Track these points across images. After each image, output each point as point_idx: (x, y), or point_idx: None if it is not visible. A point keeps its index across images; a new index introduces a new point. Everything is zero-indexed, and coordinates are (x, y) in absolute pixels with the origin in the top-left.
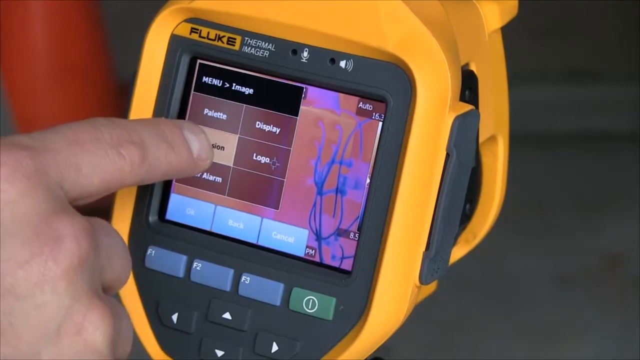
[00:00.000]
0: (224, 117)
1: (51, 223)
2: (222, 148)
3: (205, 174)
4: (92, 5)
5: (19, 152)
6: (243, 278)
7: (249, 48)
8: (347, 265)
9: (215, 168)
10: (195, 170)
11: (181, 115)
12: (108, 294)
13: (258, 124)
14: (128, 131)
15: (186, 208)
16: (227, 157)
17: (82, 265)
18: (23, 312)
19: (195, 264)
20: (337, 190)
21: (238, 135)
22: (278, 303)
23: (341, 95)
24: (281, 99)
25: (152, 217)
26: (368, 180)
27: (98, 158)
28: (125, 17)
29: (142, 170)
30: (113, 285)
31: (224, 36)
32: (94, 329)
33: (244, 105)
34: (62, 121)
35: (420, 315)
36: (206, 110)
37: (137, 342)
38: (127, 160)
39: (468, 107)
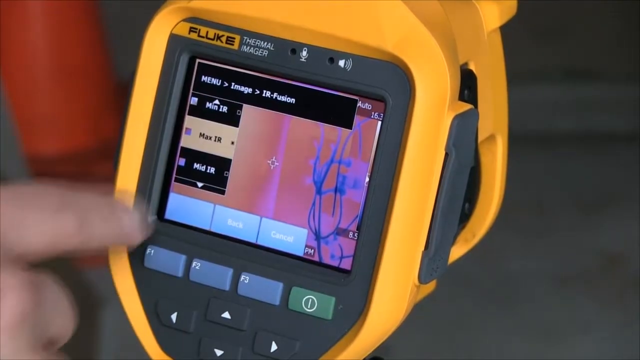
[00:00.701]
0: (223, 116)
1: None
2: (221, 148)
3: (205, 173)
4: (91, 5)
5: None
6: (242, 277)
7: (248, 47)
8: (346, 264)
9: (214, 168)
10: (129, 242)
11: (180, 115)
12: (50, 350)
13: (257, 124)
14: (69, 199)
15: (185, 207)
16: (225, 157)
17: (24, 319)
18: None
19: (194, 264)
20: (336, 190)
21: (237, 135)
22: (277, 302)
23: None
24: (280, 98)
25: (151, 217)
26: (367, 180)
27: (39, 219)
28: (125, 16)
29: (80, 236)
30: (57, 340)
31: (223, 35)
32: None
33: (243, 104)
34: (62, 121)
35: (419, 315)
36: (205, 110)
37: (136, 342)
38: (65, 226)
39: (467, 106)
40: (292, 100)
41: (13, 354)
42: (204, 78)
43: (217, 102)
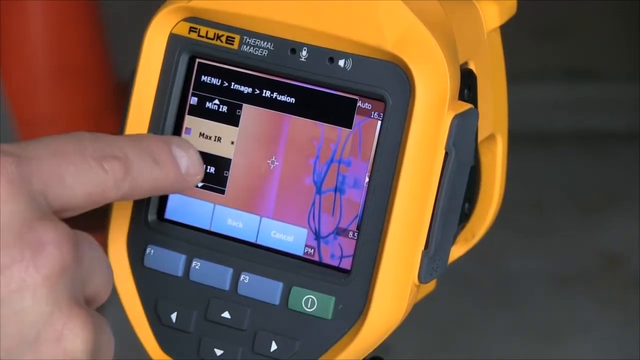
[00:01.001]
0: (223, 116)
1: (33, 229)
2: (221, 148)
3: (205, 173)
4: (91, 5)
5: (3, 158)
6: (242, 277)
7: (248, 47)
8: (346, 264)
9: (214, 167)
10: (184, 186)
11: (180, 114)
12: (90, 308)
13: (256, 123)
14: (111, 146)
15: (185, 207)
16: (225, 156)
17: (63, 273)
18: (1, 317)
19: (194, 263)
20: (336, 189)
21: (237, 135)
22: (277, 302)
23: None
24: (280, 98)
25: (151, 216)
26: (367, 179)
27: (81, 170)
28: (125, 16)
29: (124, 184)
30: (95, 299)
31: (222, 35)
32: (74, 337)
33: (243, 104)
34: (62, 121)
35: (419, 314)
36: (205, 109)
37: (136, 342)
38: (109, 174)
39: (467, 106)
40: (292, 100)
41: (52, 306)
42: (203, 78)
43: (217, 101)
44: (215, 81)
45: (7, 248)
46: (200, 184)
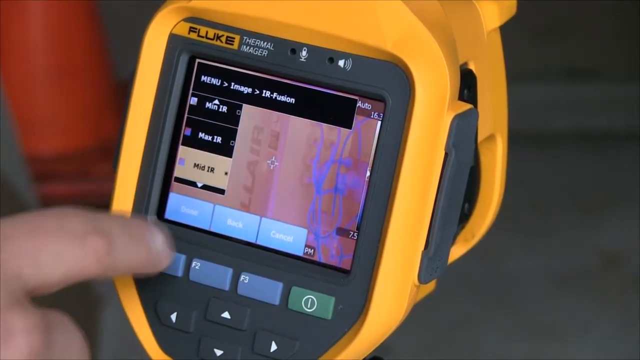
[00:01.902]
0: (223, 116)
1: (3, 317)
2: (221, 148)
3: (204, 173)
4: (91, 5)
5: None
6: (242, 277)
7: (248, 47)
8: (346, 264)
9: (214, 168)
10: (156, 267)
11: (180, 114)
12: None
13: (256, 123)
14: (94, 221)
15: (185, 207)
16: (225, 157)
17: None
18: None
19: (194, 263)
20: (335, 190)
21: (237, 135)
22: (277, 302)
23: (340, 94)
24: (280, 98)
25: (151, 216)
26: (367, 180)
27: (60, 249)
28: (125, 16)
29: (106, 263)
30: None
31: (222, 35)
32: None
33: (243, 104)
34: (62, 121)
35: (419, 315)
36: (205, 110)
37: (136, 342)
38: (91, 252)
39: (467, 106)
40: (292, 100)
41: None
42: (203, 78)
43: (216, 102)
44: (215, 81)
45: None
46: (200, 184)
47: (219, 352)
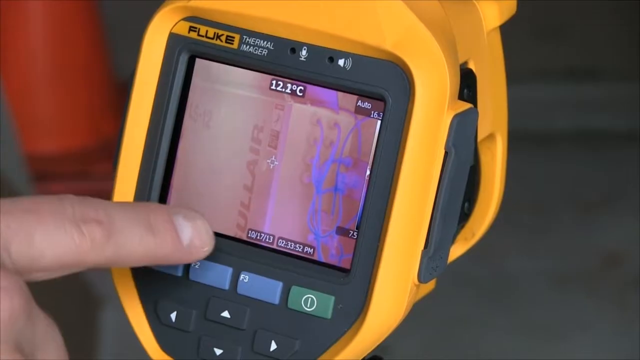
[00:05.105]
0: (223, 116)
1: None
2: (221, 148)
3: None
4: (91, 5)
5: None
6: (242, 277)
7: (248, 47)
8: (345, 263)
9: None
10: (188, 258)
11: (180, 114)
12: None
13: (256, 123)
14: (96, 209)
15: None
16: (225, 157)
17: (11, 322)
18: None
19: (193, 263)
20: (335, 189)
21: (236, 135)
22: (277, 301)
23: (340, 93)
24: (280, 97)
25: None
26: (367, 179)
27: (52, 231)
28: (125, 16)
29: (106, 251)
30: None
31: (222, 35)
32: None
33: (243, 104)
34: (62, 121)
35: (418, 314)
36: (204, 109)
37: (136, 342)
38: (86, 239)
39: (467, 105)
40: (292, 100)
41: None
42: (203, 77)
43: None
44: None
45: None
46: None
47: (218, 352)
